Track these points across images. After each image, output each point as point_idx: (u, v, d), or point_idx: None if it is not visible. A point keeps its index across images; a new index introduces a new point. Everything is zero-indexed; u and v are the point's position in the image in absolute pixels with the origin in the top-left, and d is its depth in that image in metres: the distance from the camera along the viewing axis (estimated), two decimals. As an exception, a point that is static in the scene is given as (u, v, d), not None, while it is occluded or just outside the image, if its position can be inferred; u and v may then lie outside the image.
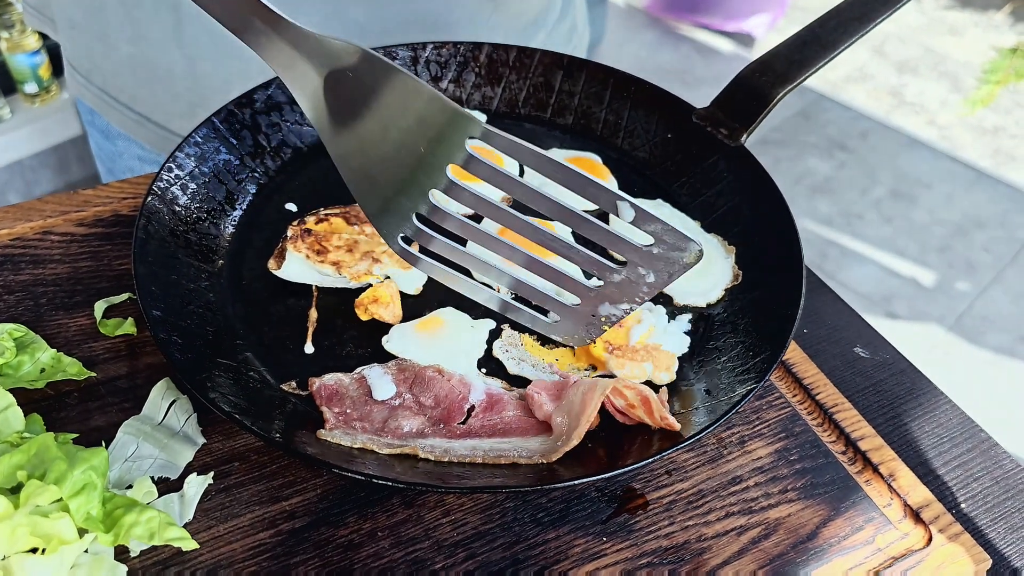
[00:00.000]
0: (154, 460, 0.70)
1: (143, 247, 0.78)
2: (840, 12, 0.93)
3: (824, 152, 3.73)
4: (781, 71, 0.92)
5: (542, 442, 0.71)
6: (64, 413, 0.73)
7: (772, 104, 0.91)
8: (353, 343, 0.79)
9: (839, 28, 0.91)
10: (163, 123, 1.18)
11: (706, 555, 0.69)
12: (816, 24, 0.93)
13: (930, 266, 3.26)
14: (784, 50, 0.93)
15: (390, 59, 1.01)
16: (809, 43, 0.92)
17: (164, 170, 0.84)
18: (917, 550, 0.71)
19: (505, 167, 0.71)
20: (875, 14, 0.91)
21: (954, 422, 0.84)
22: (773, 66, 0.92)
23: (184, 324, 0.75)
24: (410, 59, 1.04)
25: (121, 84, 1.16)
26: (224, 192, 0.89)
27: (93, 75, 1.19)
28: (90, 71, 1.19)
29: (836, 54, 0.91)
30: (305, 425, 0.71)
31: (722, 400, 0.73)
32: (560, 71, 1.06)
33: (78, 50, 1.19)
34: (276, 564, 0.65)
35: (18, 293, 0.82)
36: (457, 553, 0.67)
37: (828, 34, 0.92)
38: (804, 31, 0.93)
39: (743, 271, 0.88)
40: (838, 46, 0.91)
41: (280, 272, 0.81)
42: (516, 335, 0.81)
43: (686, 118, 0.98)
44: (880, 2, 0.91)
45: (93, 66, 1.18)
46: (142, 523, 0.63)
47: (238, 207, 0.90)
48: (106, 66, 1.16)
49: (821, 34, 0.92)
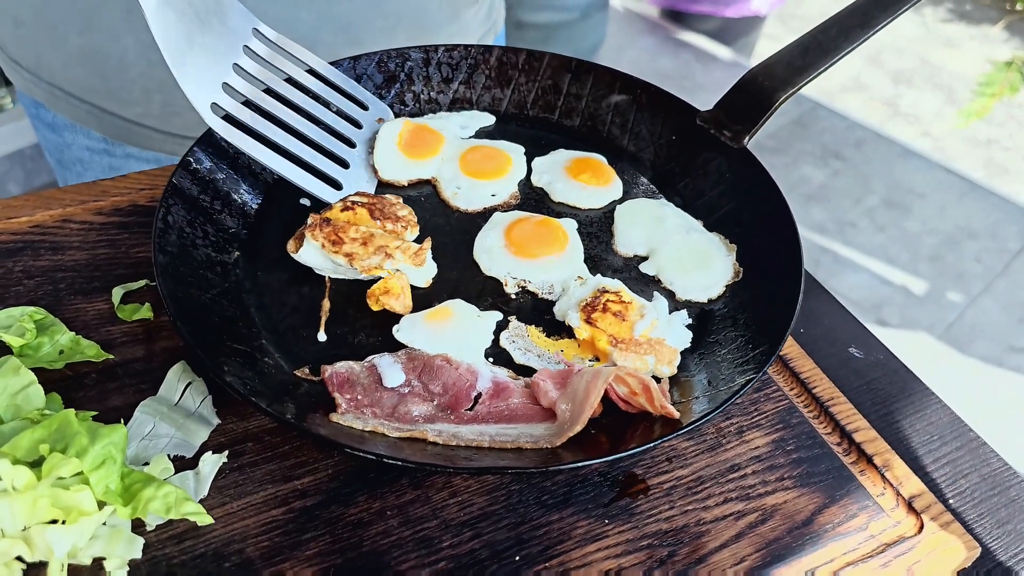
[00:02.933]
0: (170, 439, 0.72)
1: (163, 236, 0.80)
2: (841, 19, 0.95)
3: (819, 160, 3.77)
4: (783, 75, 0.94)
5: (546, 428, 0.73)
6: (82, 393, 0.75)
7: (774, 108, 0.94)
8: (364, 332, 0.82)
9: (840, 35, 0.94)
10: (118, 112, 1.19)
11: (704, 538, 0.72)
12: (818, 30, 0.96)
13: (921, 275, 3.30)
14: (786, 55, 0.96)
15: (404, 60, 1.04)
16: (811, 49, 0.95)
17: (183, 163, 0.87)
18: (909, 537, 0.74)
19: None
20: (875, 21, 0.94)
21: (944, 421, 0.87)
22: (776, 71, 0.95)
23: (202, 311, 0.77)
24: (422, 60, 1.07)
25: (72, 76, 1.17)
26: (241, 186, 0.92)
27: (41, 70, 1.19)
28: (37, 67, 1.19)
29: (837, 59, 0.93)
30: (317, 409, 0.73)
31: (722, 390, 0.76)
32: (568, 74, 1.09)
33: (23, 47, 1.19)
34: (288, 540, 0.67)
35: (38, 278, 0.84)
36: (463, 532, 0.70)
37: (830, 40, 0.94)
38: (806, 37, 0.96)
39: (743, 268, 0.90)
40: (839, 52, 0.93)
41: (296, 255, 0.84)
42: (523, 326, 0.84)
43: (690, 121, 1.01)
44: (880, 9, 0.94)
45: (40, 62, 1.18)
46: (159, 498, 0.65)
47: (255, 200, 0.92)
48: (55, 60, 1.16)
49: (823, 40, 0.94)
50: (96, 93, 1.18)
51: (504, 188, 0.98)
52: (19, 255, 0.86)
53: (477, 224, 0.94)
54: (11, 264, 0.85)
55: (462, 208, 0.95)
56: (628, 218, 0.96)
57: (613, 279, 0.87)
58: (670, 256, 0.91)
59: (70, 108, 1.22)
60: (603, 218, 0.97)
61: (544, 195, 0.99)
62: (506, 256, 0.89)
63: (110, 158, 1.28)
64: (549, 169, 1.01)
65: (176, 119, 1.19)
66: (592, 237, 0.95)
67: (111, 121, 1.21)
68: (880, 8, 0.94)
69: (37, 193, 0.92)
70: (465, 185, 0.96)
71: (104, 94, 1.17)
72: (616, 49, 4.26)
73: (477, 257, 0.90)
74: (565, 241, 0.91)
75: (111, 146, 1.27)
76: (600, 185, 0.99)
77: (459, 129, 1.04)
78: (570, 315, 0.82)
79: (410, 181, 0.97)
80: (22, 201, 0.91)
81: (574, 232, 0.93)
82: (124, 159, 1.27)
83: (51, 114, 1.27)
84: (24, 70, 1.22)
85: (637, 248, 0.93)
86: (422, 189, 0.98)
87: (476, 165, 0.98)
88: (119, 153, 1.27)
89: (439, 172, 0.98)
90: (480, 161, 0.98)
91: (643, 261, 0.92)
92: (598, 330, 0.80)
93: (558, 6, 2.50)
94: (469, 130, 1.05)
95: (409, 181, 0.97)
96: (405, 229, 0.86)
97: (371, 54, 1.05)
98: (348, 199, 0.87)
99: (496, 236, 0.91)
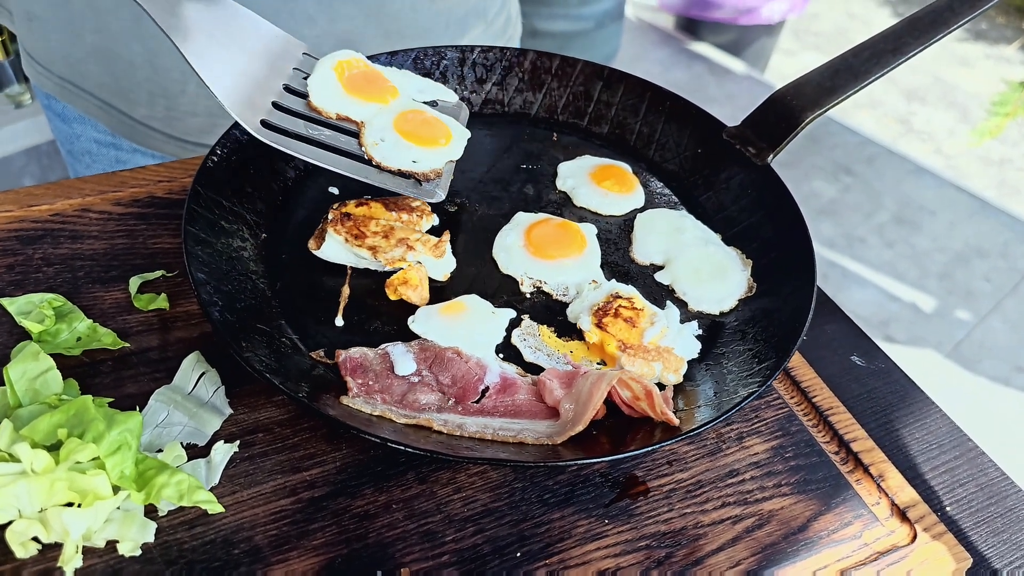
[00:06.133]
0: (183, 427, 0.74)
1: (193, 215, 0.83)
2: (874, 43, 0.96)
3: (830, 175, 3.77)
4: (812, 96, 0.95)
5: (549, 426, 0.75)
6: (98, 380, 0.77)
7: (801, 127, 0.95)
8: (380, 320, 0.84)
9: (872, 59, 0.95)
10: (125, 110, 1.22)
11: (702, 541, 0.73)
12: (850, 53, 0.97)
13: (930, 292, 3.30)
14: (816, 76, 0.97)
15: (439, 59, 1.06)
16: (841, 71, 0.96)
17: (218, 145, 0.89)
18: (902, 546, 0.75)
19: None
20: (908, 48, 0.94)
21: (943, 430, 0.88)
22: (805, 91, 0.96)
23: (225, 288, 0.80)
24: (458, 60, 1.09)
25: (85, 71, 1.19)
26: (271, 170, 0.94)
27: (54, 64, 1.22)
28: (50, 61, 1.22)
29: (867, 83, 0.94)
30: (329, 390, 0.75)
31: (724, 400, 0.77)
32: (600, 82, 1.11)
33: (36, 40, 1.21)
34: (296, 529, 0.69)
35: (57, 266, 0.86)
36: (467, 527, 0.71)
37: (861, 64, 0.95)
38: (837, 59, 0.97)
39: (757, 284, 0.92)
40: (869, 76, 0.94)
41: (319, 252, 0.86)
42: (535, 325, 0.85)
43: (717, 135, 1.03)
44: (914, 36, 0.94)
45: (53, 56, 1.20)
46: (172, 485, 0.66)
47: (284, 185, 0.95)
48: (69, 54, 1.18)
49: (854, 63, 0.95)
50: (105, 89, 1.20)
51: (428, 159, 0.91)
52: (39, 243, 0.88)
53: (498, 223, 0.96)
54: (31, 251, 0.87)
55: (376, 159, 0.89)
56: (647, 227, 0.98)
57: (627, 285, 0.88)
58: (686, 267, 0.93)
59: (80, 101, 1.24)
60: (623, 225, 0.99)
61: (567, 199, 1.01)
62: (524, 256, 0.91)
63: (117, 151, 1.31)
64: (574, 174, 1.03)
65: (179, 123, 1.21)
66: (610, 243, 0.96)
67: (119, 118, 1.23)
68: (914, 35, 0.95)
69: (58, 182, 0.94)
70: (390, 140, 0.90)
71: (113, 91, 1.20)
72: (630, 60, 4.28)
73: (496, 255, 0.92)
74: (583, 245, 0.93)
75: (118, 140, 1.29)
76: (623, 193, 1.01)
77: (416, 92, 0.99)
78: (582, 318, 0.84)
79: (339, 115, 0.91)
80: (43, 190, 0.93)
81: (593, 237, 0.95)
82: (131, 153, 1.30)
83: (61, 105, 1.30)
84: (36, 62, 1.24)
85: (654, 257, 0.95)
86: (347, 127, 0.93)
87: (410, 126, 0.92)
88: (126, 147, 1.29)
89: (371, 119, 0.92)
90: (417, 124, 0.92)
91: (659, 270, 0.94)
92: (608, 334, 0.82)
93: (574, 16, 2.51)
94: (425, 95, 0.99)
95: (338, 115, 0.91)
96: (420, 219, 0.88)
97: (408, 51, 1.06)
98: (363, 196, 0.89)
99: (516, 236, 0.93)
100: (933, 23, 0.95)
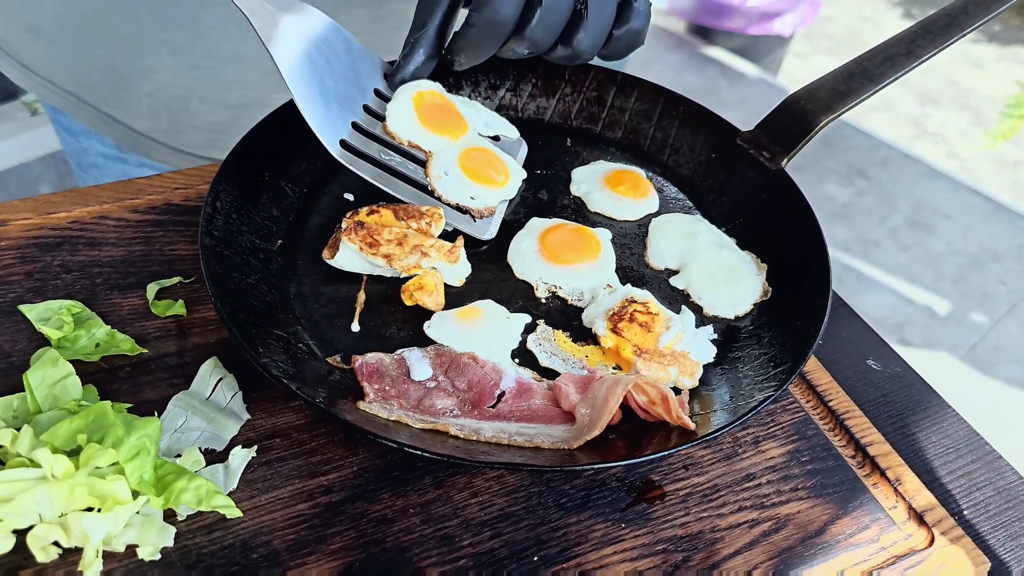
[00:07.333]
0: (201, 432, 0.74)
1: (210, 220, 0.83)
2: (888, 47, 0.96)
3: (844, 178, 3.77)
4: (826, 100, 0.95)
5: (565, 430, 0.75)
6: (117, 386, 0.78)
7: (815, 131, 0.95)
8: (396, 326, 0.84)
9: (886, 63, 0.95)
10: (129, 123, 1.22)
11: (719, 545, 0.73)
12: (864, 57, 0.97)
13: (945, 296, 3.29)
14: (830, 80, 0.97)
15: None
16: (856, 75, 0.95)
17: (236, 149, 0.90)
18: (919, 550, 0.75)
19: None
20: (922, 51, 0.94)
21: (960, 434, 0.88)
22: (819, 95, 0.96)
23: (242, 295, 0.80)
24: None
25: (88, 84, 1.20)
26: (288, 176, 0.95)
27: (57, 77, 1.21)
28: (53, 74, 1.21)
29: (881, 87, 0.94)
30: (345, 396, 0.75)
31: (740, 404, 0.77)
32: (613, 87, 1.11)
33: (38, 54, 1.21)
34: (313, 533, 0.69)
35: (75, 272, 0.87)
36: (483, 532, 0.71)
37: (875, 67, 0.95)
38: (851, 63, 0.97)
39: (772, 288, 0.92)
40: (884, 79, 0.94)
41: (333, 261, 0.86)
42: (550, 330, 0.86)
43: (730, 139, 1.03)
44: (928, 40, 0.94)
45: (57, 69, 1.20)
46: (191, 490, 0.67)
47: (300, 192, 0.95)
48: (74, 68, 1.18)
49: (868, 67, 0.95)
50: (109, 103, 1.20)
51: (485, 197, 0.95)
52: (57, 250, 0.89)
53: (514, 229, 0.96)
54: (50, 259, 0.88)
55: (437, 191, 0.93)
56: (662, 231, 0.98)
57: (642, 290, 0.88)
58: (701, 271, 0.93)
59: (85, 114, 1.24)
60: (637, 230, 0.99)
61: (582, 204, 1.01)
62: (539, 261, 0.91)
63: (124, 165, 1.31)
64: (588, 179, 1.03)
65: (182, 137, 1.22)
66: (625, 248, 0.96)
67: (123, 131, 1.23)
68: (928, 39, 0.94)
69: (75, 190, 0.95)
70: (454, 174, 0.94)
71: (116, 104, 1.20)
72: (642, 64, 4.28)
73: (511, 260, 0.92)
74: (598, 250, 0.93)
75: (124, 154, 1.29)
76: (637, 198, 1.01)
77: (483, 127, 1.03)
78: (597, 323, 0.84)
79: (410, 143, 0.95)
80: (61, 197, 0.94)
81: (607, 242, 0.95)
82: (138, 167, 1.30)
83: (68, 118, 1.30)
84: (37, 75, 1.23)
85: (669, 261, 0.95)
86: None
87: (474, 163, 0.96)
88: (132, 161, 1.30)
89: (439, 152, 0.96)
90: (480, 162, 0.97)
91: (674, 275, 0.94)
92: (623, 339, 0.82)
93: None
94: (491, 130, 1.04)
95: (409, 143, 0.95)
96: (430, 225, 0.88)
97: None
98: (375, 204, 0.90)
99: (531, 241, 0.93)
100: (947, 26, 0.95)
